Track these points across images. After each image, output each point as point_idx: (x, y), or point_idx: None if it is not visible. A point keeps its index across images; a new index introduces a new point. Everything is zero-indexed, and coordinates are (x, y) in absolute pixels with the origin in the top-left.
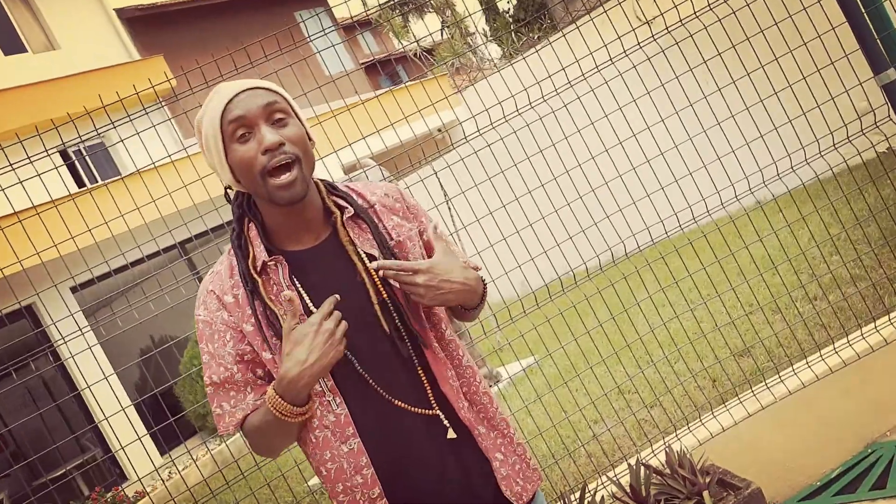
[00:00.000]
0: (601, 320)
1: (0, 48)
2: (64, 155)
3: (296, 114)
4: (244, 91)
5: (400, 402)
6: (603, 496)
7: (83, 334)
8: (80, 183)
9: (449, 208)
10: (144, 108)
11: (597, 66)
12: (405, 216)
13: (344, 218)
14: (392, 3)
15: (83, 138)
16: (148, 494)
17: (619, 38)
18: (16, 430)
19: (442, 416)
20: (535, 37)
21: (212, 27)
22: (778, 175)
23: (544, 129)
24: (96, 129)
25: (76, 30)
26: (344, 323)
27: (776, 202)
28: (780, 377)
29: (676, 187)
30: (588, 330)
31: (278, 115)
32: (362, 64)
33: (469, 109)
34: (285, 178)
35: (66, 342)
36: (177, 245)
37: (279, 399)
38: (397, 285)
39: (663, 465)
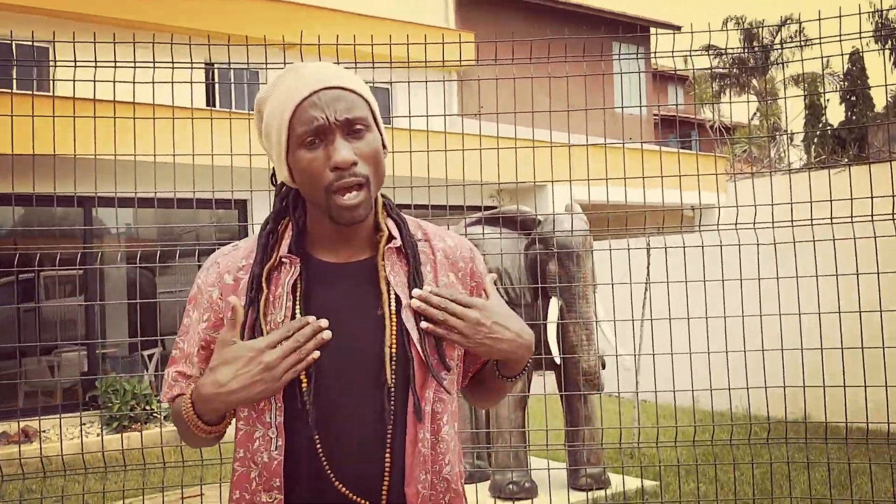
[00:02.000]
0: None
1: None
2: None
3: (375, 120)
4: (326, 90)
5: (342, 488)
6: None
7: None
8: None
9: (646, 289)
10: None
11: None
12: (463, 280)
13: (387, 245)
14: (715, 69)
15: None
16: None
17: None
18: None
19: None
20: (844, 159)
21: (531, 26)
22: None
23: (813, 254)
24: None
25: None
26: (290, 361)
27: None
28: None
29: None
30: None
31: (358, 126)
32: (655, 114)
33: (736, 199)
34: (351, 199)
35: None
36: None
37: (190, 406)
38: (429, 327)
39: None
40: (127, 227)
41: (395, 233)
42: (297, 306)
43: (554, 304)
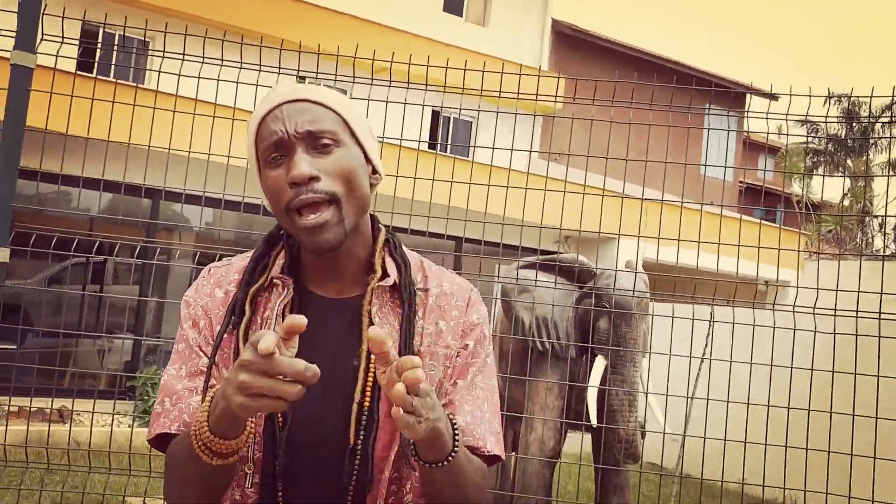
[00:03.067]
0: None
1: (444, 2)
2: (435, 115)
3: (355, 137)
4: (288, 103)
5: None
6: None
7: None
8: (432, 144)
9: (701, 363)
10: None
11: None
12: (453, 331)
13: (377, 284)
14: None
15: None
16: None
17: None
18: None
19: None
20: None
21: (622, 74)
22: None
23: None
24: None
25: (509, 18)
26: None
27: None
28: None
29: None
30: None
31: (324, 140)
32: (741, 182)
33: (817, 281)
34: (311, 219)
35: None
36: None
37: (204, 420)
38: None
39: None
40: (206, 227)
41: (392, 272)
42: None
43: (599, 363)
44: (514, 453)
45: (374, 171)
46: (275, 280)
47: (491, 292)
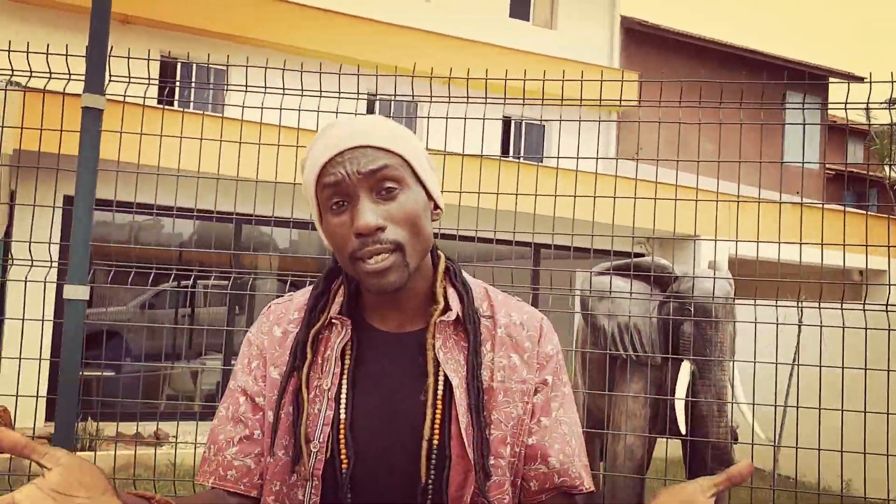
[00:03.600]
0: None
1: (510, 7)
2: (506, 123)
3: (417, 176)
4: (350, 150)
5: None
6: None
7: None
8: (505, 149)
9: (792, 372)
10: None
11: None
12: (528, 363)
13: (440, 318)
14: None
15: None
16: None
17: None
18: None
19: None
20: None
21: (697, 67)
22: None
23: None
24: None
25: (577, 19)
26: None
27: None
28: None
29: None
30: None
31: (388, 185)
32: (828, 170)
33: None
34: (378, 262)
35: None
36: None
37: None
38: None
39: None
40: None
41: (455, 304)
42: (345, 375)
43: (685, 369)
44: (601, 464)
45: (436, 207)
46: (333, 320)
47: (576, 301)
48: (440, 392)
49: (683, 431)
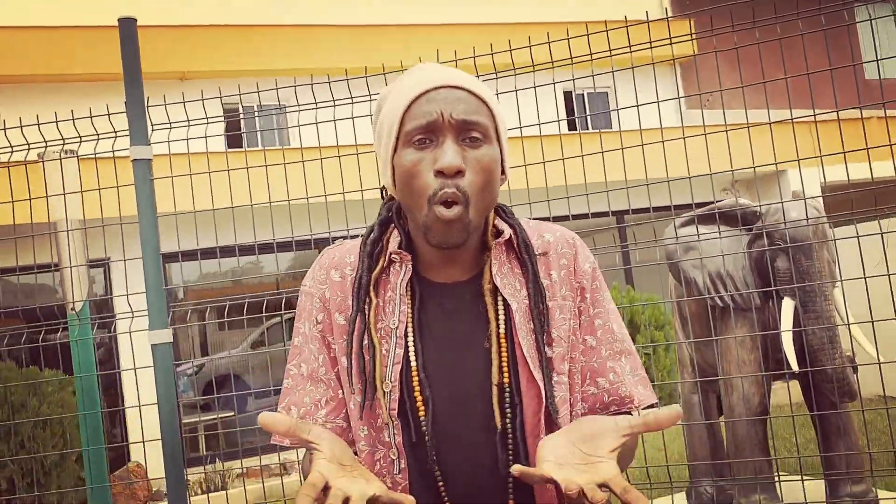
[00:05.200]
0: None
1: None
2: (567, 96)
3: (498, 135)
4: (446, 87)
5: None
6: None
7: None
8: (571, 124)
9: None
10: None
11: None
12: (567, 280)
13: (495, 250)
14: None
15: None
16: None
17: None
18: None
19: None
20: None
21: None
22: None
23: None
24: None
25: None
26: None
27: None
28: None
29: None
30: None
31: (475, 134)
32: None
33: None
34: (450, 212)
35: None
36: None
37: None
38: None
39: None
40: None
41: (506, 229)
42: (410, 316)
43: (787, 305)
44: (720, 418)
45: (503, 172)
46: (392, 256)
47: (663, 257)
48: (502, 332)
49: (795, 369)
